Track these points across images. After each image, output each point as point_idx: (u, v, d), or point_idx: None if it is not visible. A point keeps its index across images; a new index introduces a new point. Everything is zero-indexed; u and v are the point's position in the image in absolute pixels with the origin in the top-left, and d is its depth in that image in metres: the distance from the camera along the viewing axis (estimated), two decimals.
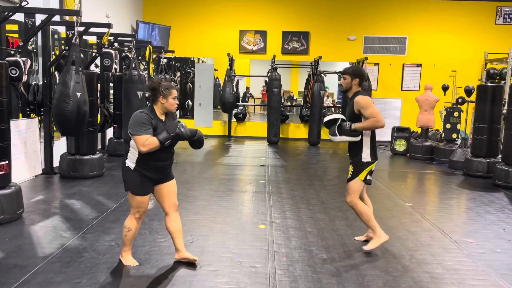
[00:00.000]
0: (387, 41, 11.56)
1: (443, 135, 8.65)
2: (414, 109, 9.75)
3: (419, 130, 9.42)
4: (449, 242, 4.03)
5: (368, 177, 3.62)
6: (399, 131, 9.51)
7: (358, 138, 3.56)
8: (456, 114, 8.33)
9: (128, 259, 3.27)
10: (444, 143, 8.54)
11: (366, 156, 3.58)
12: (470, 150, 7.43)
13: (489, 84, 7.16)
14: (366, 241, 3.85)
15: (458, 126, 8.38)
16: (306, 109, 11.56)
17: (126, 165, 3.09)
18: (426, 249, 3.82)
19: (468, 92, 7.92)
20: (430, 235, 4.21)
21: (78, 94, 5.16)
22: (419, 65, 11.63)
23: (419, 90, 11.42)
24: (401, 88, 11.74)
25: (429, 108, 9.01)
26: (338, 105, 13.75)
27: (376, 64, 11.62)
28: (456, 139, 8.44)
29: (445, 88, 9.05)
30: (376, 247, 3.66)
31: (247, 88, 15.88)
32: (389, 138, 9.93)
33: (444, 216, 4.94)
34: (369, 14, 11.56)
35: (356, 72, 3.62)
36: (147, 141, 2.95)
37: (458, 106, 8.30)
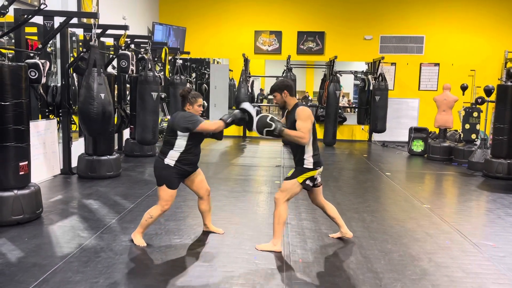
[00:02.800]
0: (404, 40, 11.42)
1: (462, 136, 8.49)
2: (432, 109, 9.61)
3: (437, 131, 9.27)
4: (469, 245, 3.95)
5: (308, 181, 3.61)
6: (417, 132, 9.38)
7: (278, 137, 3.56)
8: (475, 114, 8.17)
9: (138, 239, 3.69)
10: (463, 144, 8.39)
11: (308, 163, 3.57)
12: (490, 151, 7.28)
13: (509, 83, 7.00)
14: (340, 238, 3.95)
15: (478, 127, 8.22)
16: (322, 110, 11.49)
17: (166, 163, 3.56)
18: (445, 252, 3.75)
19: (488, 92, 7.77)
20: (449, 237, 4.14)
21: (102, 95, 5.25)
22: (437, 64, 11.46)
23: (437, 90, 11.25)
24: (419, 88, 11.58)
25: (447, 108, 8.86)
26: (354, 105, 13.63)
27: (393, 64, 11.49)
28: (476, 139, 8.28)
29: (464, 88, 8.89)
30: (263, 250, 3.61)
31: (261, 89, 15.87)
32: (406, 139, 9.80)
33: (464, 218, 4.84)
34: (385, 13, 11.44)
35: (282, 85, 3.62)
36: (211, 122, 3.59)
37: (478, 106, 8.14)
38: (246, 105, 3.66)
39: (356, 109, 12.26)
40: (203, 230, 4.05)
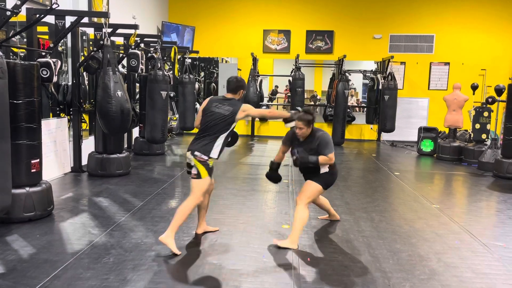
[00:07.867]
0: (413, 39, 11.35)
1: (472, 136, 8.43)
2: (442, 108, 9.54)
3: (446, 130, 9.21)
4: (478, 245, 3.93)
5: None
6: (426, 131, 9.32)
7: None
8: (485, 114, 8.10)
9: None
10: (473, 144, 8.32)
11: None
12: (501, 151, 7.22)
13: None
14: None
15: (488, 126, 8.15)
16: (330, 109, 11.46)
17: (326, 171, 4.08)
18: (455, 252, 3.74)
19: (499, 91, 7.70)
20: (458, 238, 4.12)
21: (119, 93, 5.30)
22: (447, 63, 11.37)
23: (447, 89, 11.17)
24: (428, 87, 11.50)
25: (457, 108, 8.80)
26: (363, 105, 13.58)
27: (403, 63, 11.42)
28: (486, 139, 8.22)
29: (474, 87, 8.82)
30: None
31: (276, 86, 15.85)
32: (415, 139, 9.74)
33: (473, 218, 4.81)
34: (395, 12, 11.38)
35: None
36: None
37: (488, 105, 8.07)
38: None
39: (365, 109, 12.21)
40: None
